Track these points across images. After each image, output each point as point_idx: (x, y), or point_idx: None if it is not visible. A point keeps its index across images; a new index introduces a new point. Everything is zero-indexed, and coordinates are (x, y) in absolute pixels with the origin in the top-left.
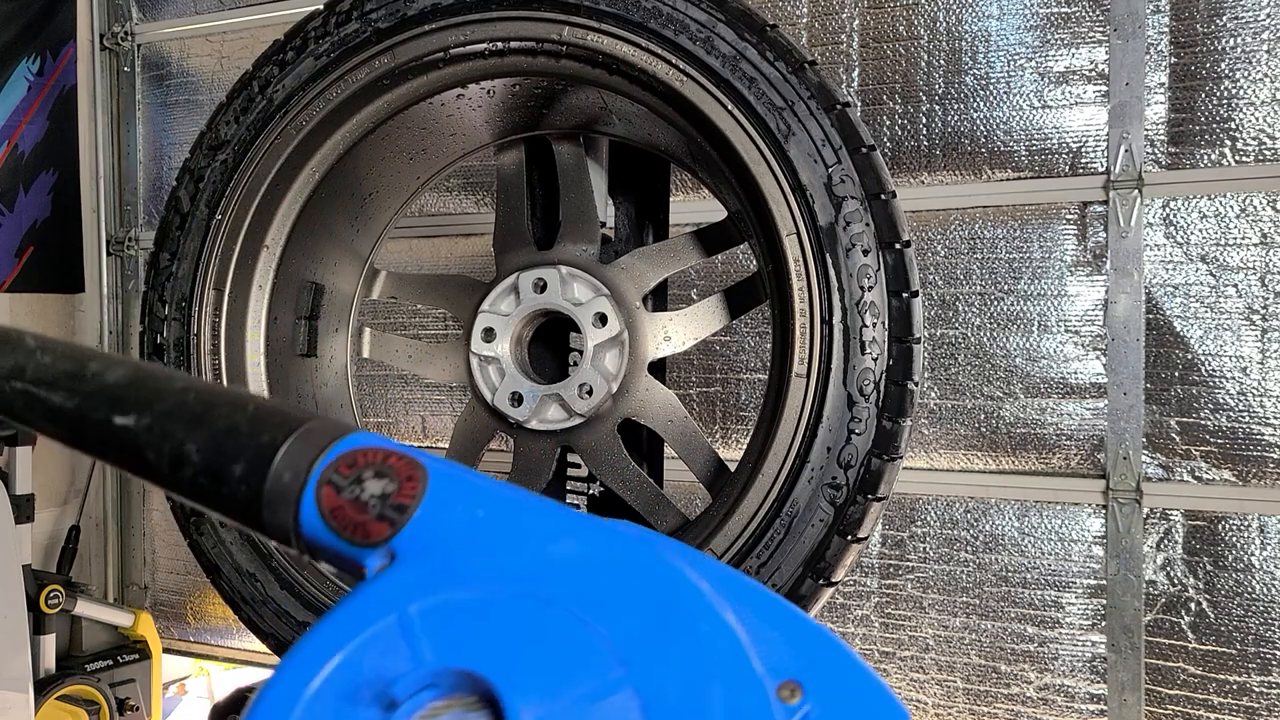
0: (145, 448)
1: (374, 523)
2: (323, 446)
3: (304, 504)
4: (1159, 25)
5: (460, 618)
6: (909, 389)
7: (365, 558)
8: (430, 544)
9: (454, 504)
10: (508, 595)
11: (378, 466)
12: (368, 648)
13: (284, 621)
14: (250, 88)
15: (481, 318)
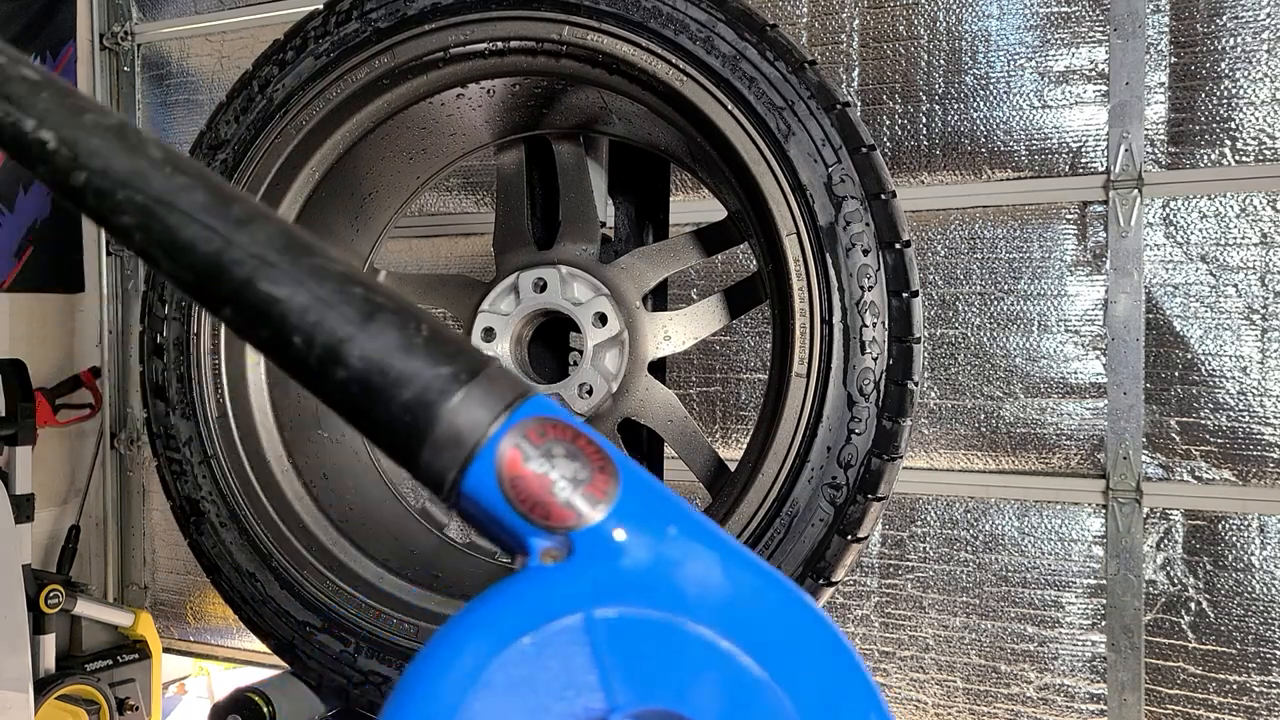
0: (294, 329)
1: (559, 507)
2: (511, 400)
3: (478, 459)
4: (1159, 25)
5: (651, 642)
6: (909, 389)
7: (531, 537)
8: (616, 549)
9: (645, 514)
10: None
11: (569, 445)
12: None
13: (284, 621)
14: (250, 87)
15: (481, 317)
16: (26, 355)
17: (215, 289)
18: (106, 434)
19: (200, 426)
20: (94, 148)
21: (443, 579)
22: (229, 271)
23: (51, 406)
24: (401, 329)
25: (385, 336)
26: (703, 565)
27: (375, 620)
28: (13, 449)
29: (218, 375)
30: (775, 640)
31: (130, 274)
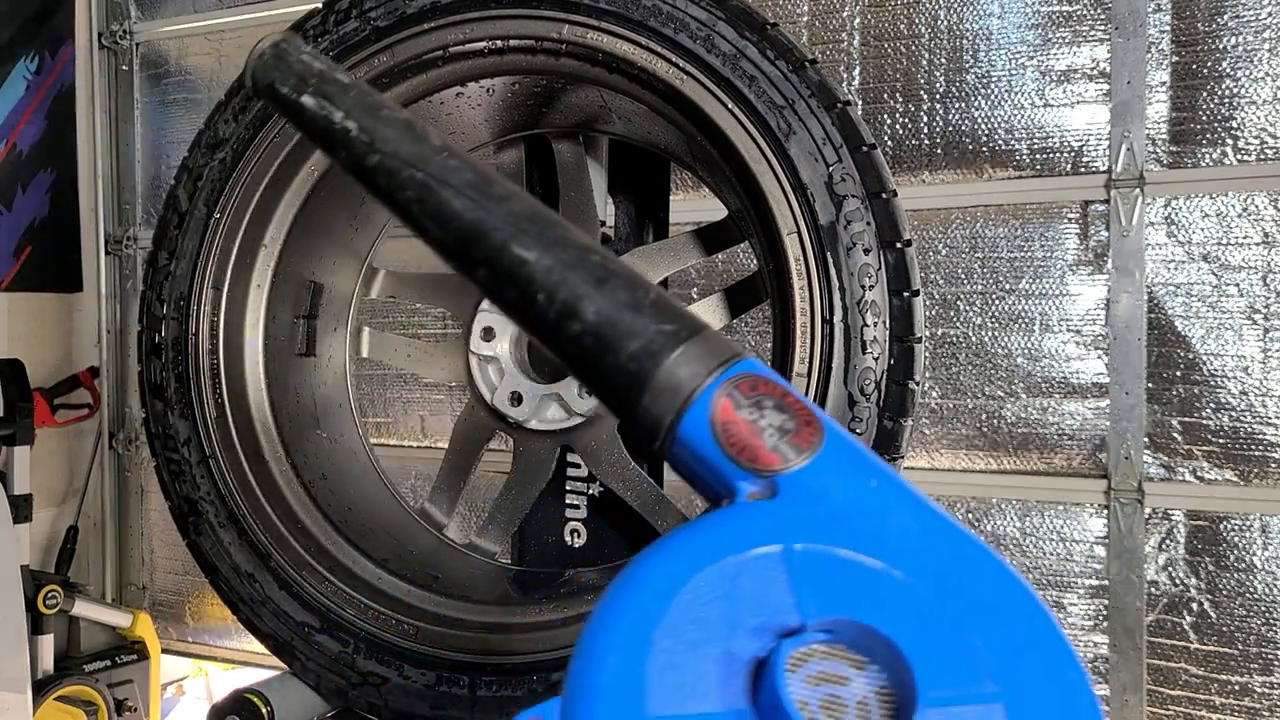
0: (538, 287)
1: (766, 451)
2: (726, 358)
3: (694, 405)
4: (1160, 24)
5: (850, 576)
6: (910, 388)
7: (739, 479)
8: (818, 494)
9: (847, 465)
10: (893, 574)
11: (777, 400)
12: (748, 567)
13: (282, 622)
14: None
15: (481, 317)
16: (25, 355)
17: (474, 252)
18: (105, 434)
19: (199, 426)
20: (387, 135)
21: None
22: (487, 237)
23: (50, 406)
24: (632, 291)
25: (618, 295)
26: (901, 517)
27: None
28: (11, 449)
29: (216, 375)
30: (971, 596)
31: (129, 274)
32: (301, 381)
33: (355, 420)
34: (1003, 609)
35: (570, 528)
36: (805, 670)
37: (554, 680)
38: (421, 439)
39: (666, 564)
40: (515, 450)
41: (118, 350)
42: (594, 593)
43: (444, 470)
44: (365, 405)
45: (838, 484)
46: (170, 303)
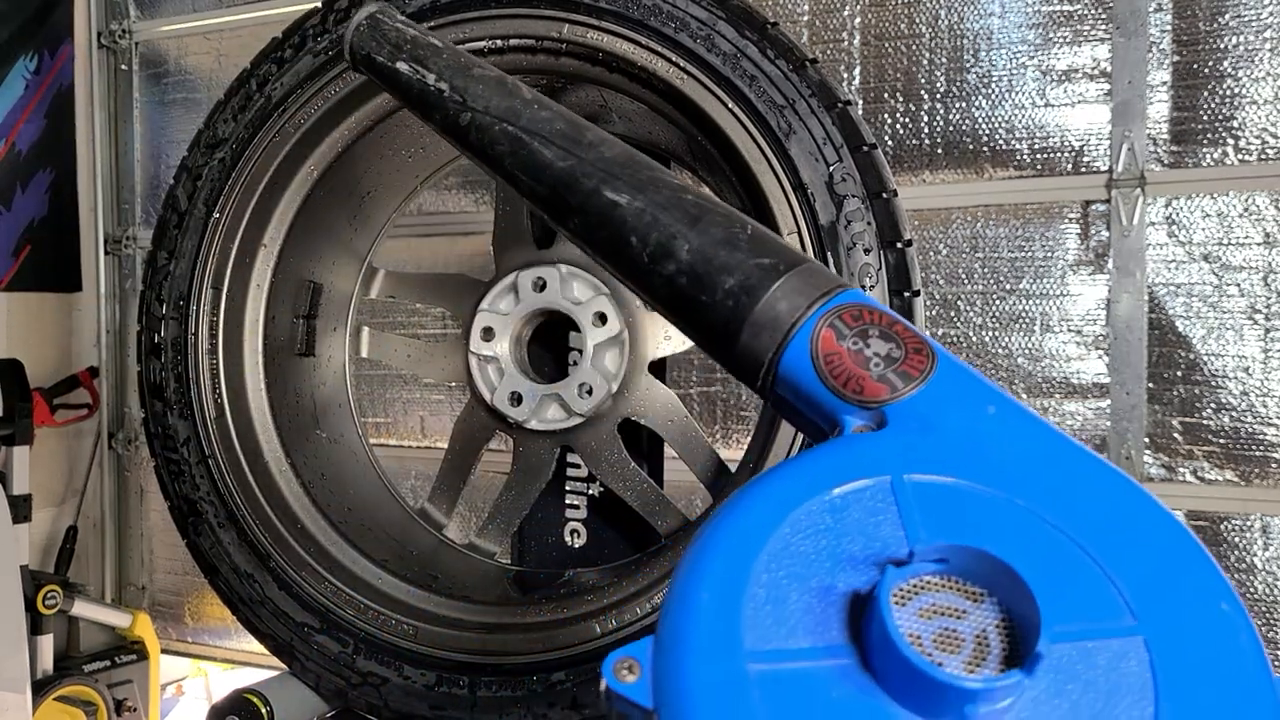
0: (631, 230)
1: (872, 381)
2: (828, 289)
3: (795, 339)
4: (1161, 23)
5: (966, 507)
6: None
7: (844, 413)
8: (931, 423)
9: (961, 393)
10: (1014, 504)
11: (884, 329)
12: (855, 499)
13: (281, 622)
14: (248, 86)
15: (481, 317)
16: (24, 355)
17: (567, 200)
18: (104, 434)
19: (198, 427)
20: (478, 93)
21: (441, 580)
22: (579, 184)
23: (49, 406)
24: (727, 228)
25: (712, 233)
26: (1022, 443)
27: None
28: (10, 449)
29: (215, 375)
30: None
31: (128, 274)
32: (301, 382)
33: (355, 420)
34: (1140, 536)
35: (570, 528)
36: (917, 603)
37: (553, 680)
38: (421, 439)
39: (766, 497)
40: (515, 450)
41: (117, 350)
42: (594, 593)
43: (444, 470)
44: (365, 405)
45: (952, 412)
46: (170, 303)
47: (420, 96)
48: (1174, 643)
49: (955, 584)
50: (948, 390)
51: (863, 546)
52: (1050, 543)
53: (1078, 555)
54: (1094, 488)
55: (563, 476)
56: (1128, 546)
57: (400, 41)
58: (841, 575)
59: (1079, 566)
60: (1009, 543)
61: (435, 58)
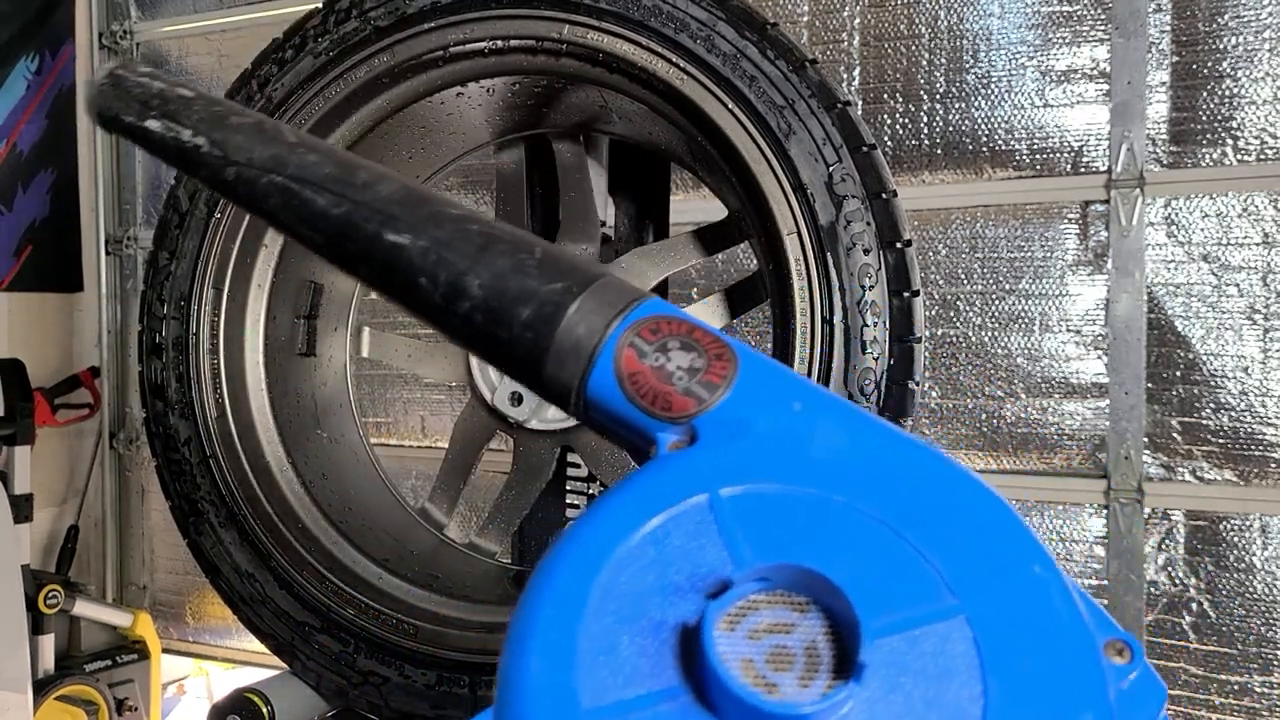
0: (419, 271)
1: (679, 396)
2: (623, 306)
3: (598, 363)
4: (1160, 24)
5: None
6: (910, 389)
7: (657, 431)
8: (740, 430)
9: (767, 392)
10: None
11: (683, 338)
12: (675, 525)
13: (283, 622)
14: (249, 86)
15: None
16: (25, 355)
17: (349, 248)
18: (105, 434)
19: (199, 426)
20: (238, 144)
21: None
22: (359, 229)
23: (50, 406)
24: (514, 254)
25: (500, 263)
26: (832, 436)
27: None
28: (11, 449)
29: (216, 375)
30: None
31: (129, 273)
32: (302, 381)
33: (355, 420)
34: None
35: None
36: (747, 624)
37: None
38: (421, 439)
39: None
40: (515, 450)
41: (118, 350)
42: None
43: (444, 470)
44: (365, 405)
45: (759, 414)
46: (171, 303)
47: (179, 155)
48: (993, 614)
49: (781, 598)
50: (753, 393)
51: (688, 574)
52: (867, 534)
53: (895, 542)
54: (905, 469)
55: (563, 476)
56: (942, 525)
57: (147, 98)
58: (670, 609)
59: (897, 554)
60: (824, 545)
61: (187, 111)
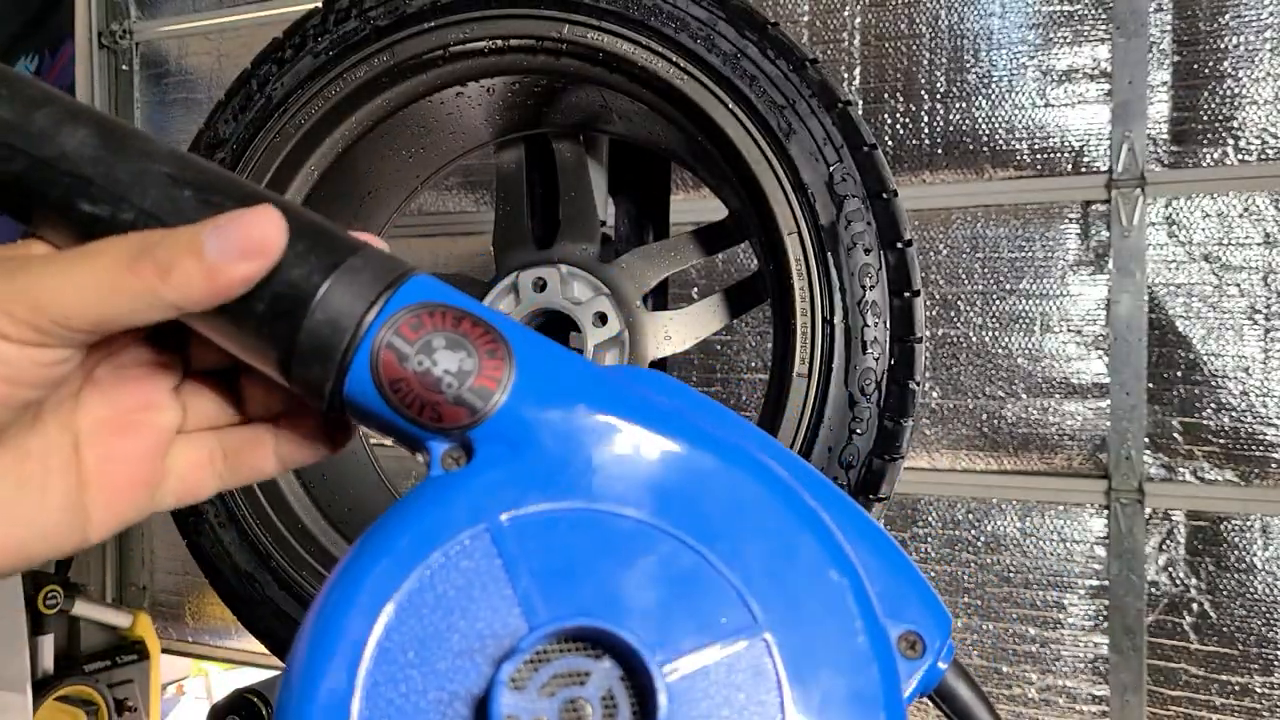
0: None
1: (448, 406)
2: (377, 294)
3: (354, 368)
4: (1162, 23)
5: (565, 539)
6: (911, 389)
7: (429, 441)
8: (520, 441)
9: (549, 394)
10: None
11: (450, 335)
12: (455, 563)
13: (282, 622)
14: (249, 86)
15: None
16: None
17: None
18: None
19: None
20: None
21: None
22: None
23: None
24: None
25: None
26: (616, 443)
27: None
28: None
29: None
30: (710, 512)
31: None
32: None
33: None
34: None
35: None
36: (537, 679)
37: None
38: None
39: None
40: None
41: None
42: None
43: None
44: None
45: (541, 422)
46: None
47: None
48: (791, 628)
49: (571, 645)
50: (533, 396)
51: (476, 618)
52: (663, 555)
53: (694, 562)
54: (707, 476)
55: None
56: (742, 536)
57: None
58: (459, 676)
59: (697, 575)
60: (615, 574)
61: None
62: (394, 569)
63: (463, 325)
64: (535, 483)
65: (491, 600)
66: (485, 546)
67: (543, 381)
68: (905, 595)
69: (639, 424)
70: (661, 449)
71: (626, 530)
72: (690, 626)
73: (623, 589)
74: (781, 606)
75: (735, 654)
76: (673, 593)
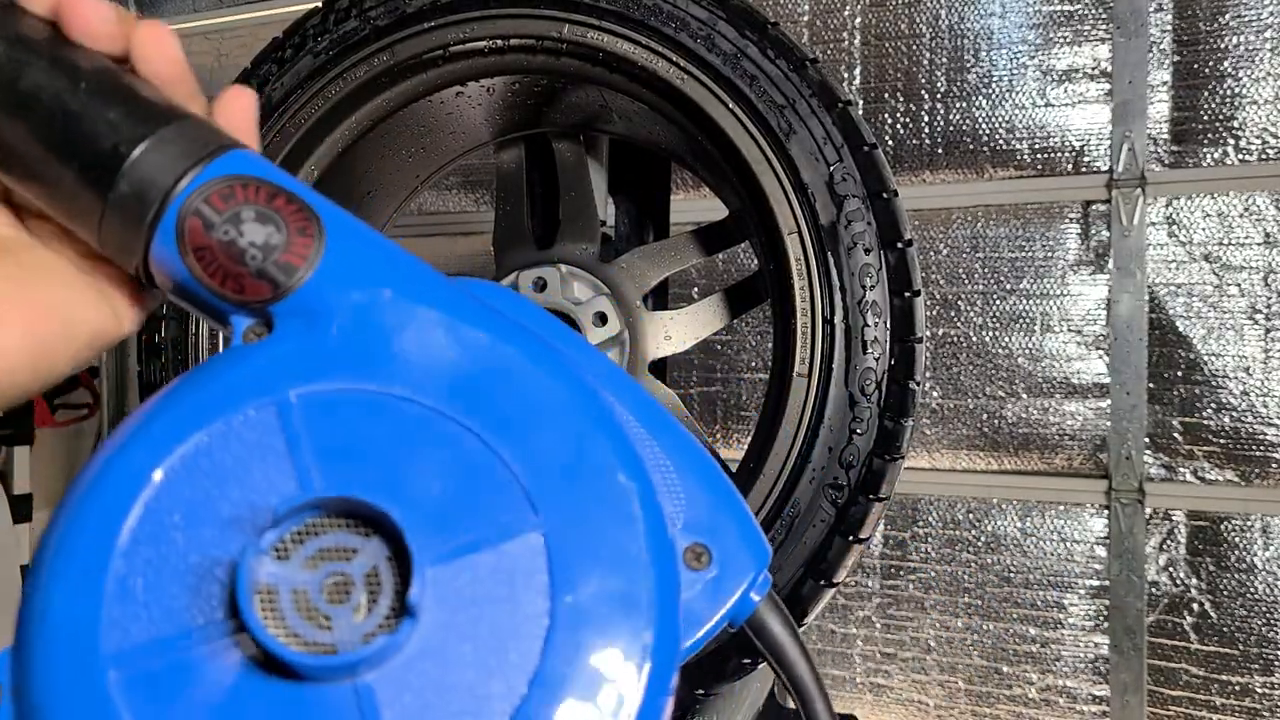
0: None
1: (251, 279)
2: (192, 162)
3: (159, 232)
4: (1162, 23)
5: (352, 420)
6: (911, 389)
7: (231, 315)
8: (320, 319)
9: (356, 275)
10: (415, 405)
11: (262, 209)
12: (235, 434)
13: None
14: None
15: None
16: None
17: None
18: (104, 434)
19: None
20: None
21: None
22: None
23: (49, 407)
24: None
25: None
26: (419, 330)
27: None
28: (11, 449)
29: None
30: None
31: None
32: None
33: None
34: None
35: None
36: (304, 551)
37: None
38: None
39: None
40: None
41: (117, 351)
42: None
43: None
44: None
45: (343, 302)
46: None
47: None
48: (570, 529)
49: (343, 522)
50: (338, 276)
51: (248, 497)
52: (452, 445)
53: (481, 454)
54: (505, 372)
55: None
56: (534, 433)
57: None
58: (223, 543)
59: (481, 467)
60: (398, 459)
61: None
62: (171, 432)
63: (276, 201)
64: (330, 362)
65: (269, 473)
66: (270, 420)
67: (352, 263)
68: (719, 521)
69: (443, 312)
70: (463, 340)
71: (416, 416)
72: (466, 517)
73: (403, 473)
74: (562, 505)
75: (507, 551)
76: (454, 482)
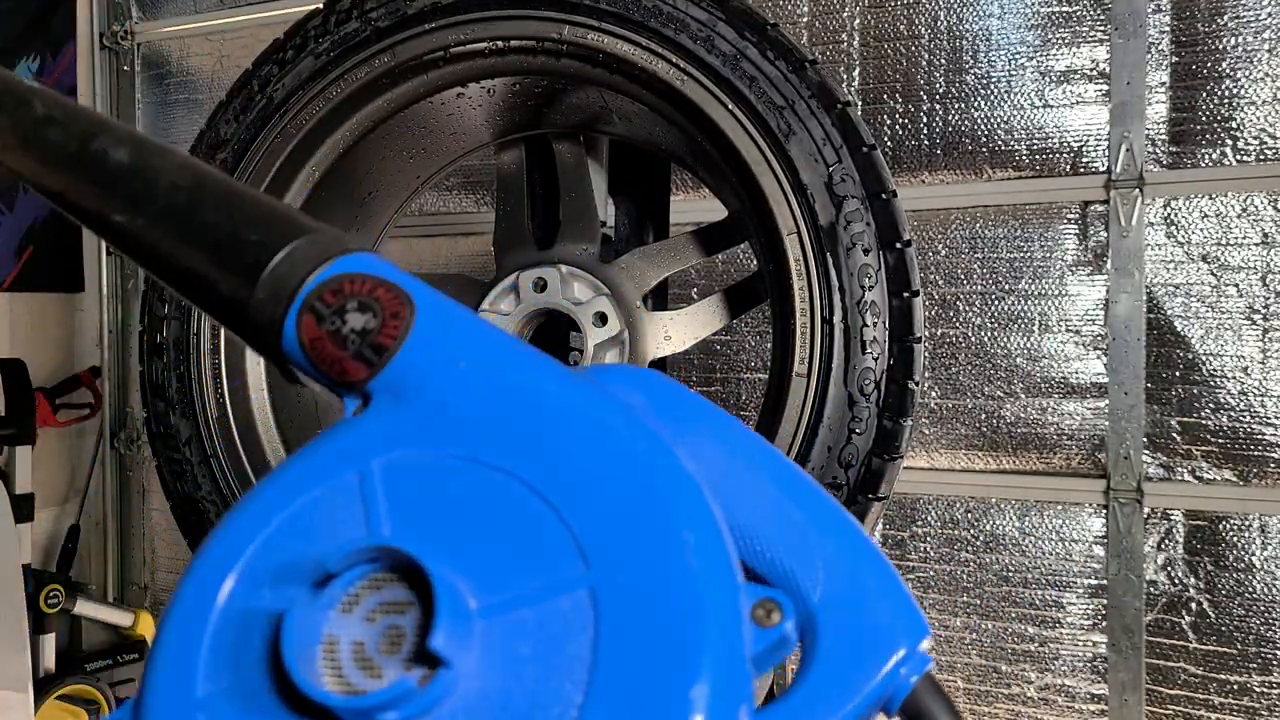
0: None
1: (351, 361)
2: (311, 268)
3: (286, 330)
4: (1160, 24)
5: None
6: (909, 388)
7: (344, 395)
8: (406, 393)
9: (437, 352)
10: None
11: (363, 298)
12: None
13: None
14: (250, 86)
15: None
16: (26, 355)
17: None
18: (106, 434)
19: (200, 426)
20: None
21: None
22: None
23: (51, 406)
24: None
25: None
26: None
27: None
28: (13, 449)
29: (217, 375)
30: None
31: (130, 274)
32: None
33: None
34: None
35: None
36: (364, 606)
37: None
38: None
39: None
40: None
41: (119, 350)
42: None
43: None
44: None
45: (427, 377)
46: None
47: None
48: (624, 586)
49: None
50: (423, 352)
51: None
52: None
53: (538, 509)
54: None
55: None
56: (595, 490)
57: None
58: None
59: (536, 521)
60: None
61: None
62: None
63: (377, 292)
64: (406, 430)
65: (348, 533)
66: (352, 487)
67: (436, 340)
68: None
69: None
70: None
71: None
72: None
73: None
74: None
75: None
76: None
